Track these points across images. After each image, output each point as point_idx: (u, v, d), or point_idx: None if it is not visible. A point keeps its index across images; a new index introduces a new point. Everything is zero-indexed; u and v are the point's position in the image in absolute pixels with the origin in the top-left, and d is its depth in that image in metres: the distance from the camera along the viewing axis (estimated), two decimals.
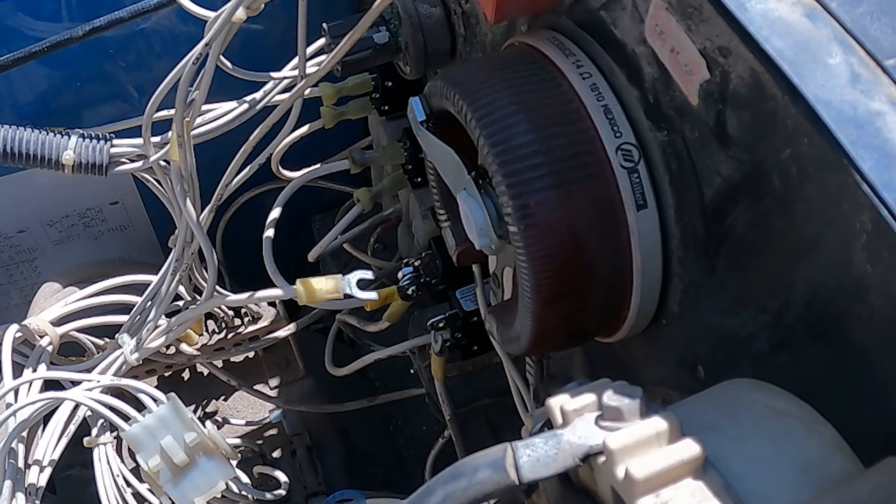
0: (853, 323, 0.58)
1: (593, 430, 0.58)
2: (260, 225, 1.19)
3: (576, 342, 0.90)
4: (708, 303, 0.73)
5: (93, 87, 1.29)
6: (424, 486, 0.59)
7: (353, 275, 1.05)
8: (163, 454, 1.09)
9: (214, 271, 1.18)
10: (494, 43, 0.95)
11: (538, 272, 0.75)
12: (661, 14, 0.67)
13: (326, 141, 1.30)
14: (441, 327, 1.11)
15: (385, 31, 1.06)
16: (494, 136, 0.75)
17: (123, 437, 1.12)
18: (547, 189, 0.73)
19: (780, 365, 0.66)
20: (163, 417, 1.10)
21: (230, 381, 1.48)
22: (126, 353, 1.23)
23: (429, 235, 1.21)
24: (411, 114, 0.88)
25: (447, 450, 1.28)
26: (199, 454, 1.11)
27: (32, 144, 1.07)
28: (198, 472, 1.11)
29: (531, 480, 0.57)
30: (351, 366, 1.30)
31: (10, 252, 1.44)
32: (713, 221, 0.69)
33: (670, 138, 0.71)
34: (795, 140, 0.58)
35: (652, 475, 0.54)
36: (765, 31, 0.59)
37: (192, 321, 1.27)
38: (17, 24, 1.18)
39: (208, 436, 1.11)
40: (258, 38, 1.28)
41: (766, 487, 0.57)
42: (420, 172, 1.20)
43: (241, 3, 0.90)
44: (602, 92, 0.75)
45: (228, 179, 1.13)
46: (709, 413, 0.63)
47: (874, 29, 0.59)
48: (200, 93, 0.99)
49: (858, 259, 0.56)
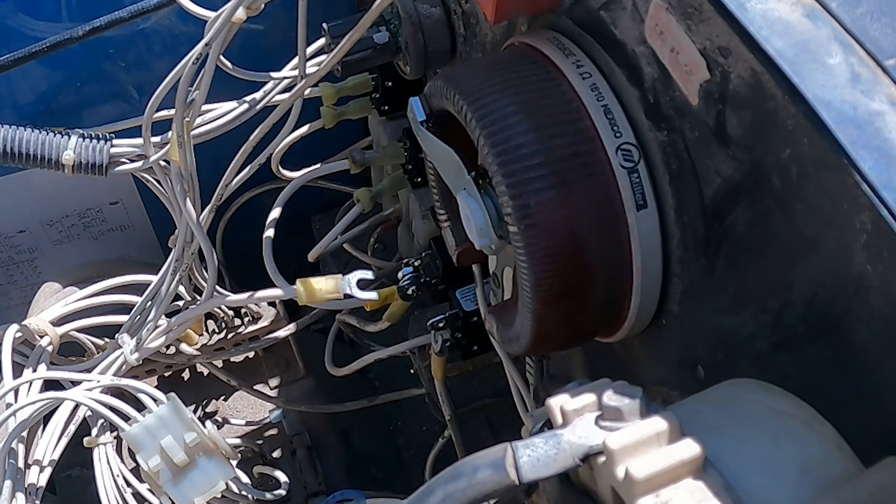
0: (853, 323, 0.58)
1: (593, 430, 0.58)
2: (260, 225, 1.19)
3: (576, 342, 0.90)
4: (708, 303, 0.73)
5: (93, 87, 1.29)
6: (424, 486, 0.59)
7: (353, 275, 1.05)
8: (163, 454, 1.09)
9: (214, 271, 1.18)
10: (494, 43, 0.95)
11: (538, 272, 0.75)
12: (660, 14, 0.67)
13: (326, 141, 1.30)
14: (441, 327, 1.11)
15: (385, 31, 1.06)
16: (494, 135, 0.75)
17: (123, 437, 1.12)
18: (547, 189, 0.73)
19: (779, 365, 0.66)
20: (163, 417, 1.10)
21: (230, 381, 1.48)
22: (126, 353, 1.23)
23: (429, 235, 1.21)
24: (411, 114, 0.88)
25: (447, 450, 1.28)
26: (199, 454, 1.11)
27: (32, 144, 1.07)
28: (198, 472, 1.11)
29: (531, 480, 0.57)
30: (351, 366, 1.30)
31: (10, 252, 1.44)
32: (713, 221, 0.69)
33: (670, 138, 0.71)
34: (795, 140, 0.58)
35: (652, 475, 0.54)
36: (765, 31, 0.59)
37: (192, 321, 1.27)
38: (17, 24, 1.18)
39: (208, 436, 1.11)
40: (258, 38, 1.28)
41: (765, 487, 0.57)
42: (420, 172, 1.20)
43: (242, 3, 0.90)
44: (602, 92, 0.75)
45: (228, 179, 1.13)
46: (709, 413, 0.63)
47: (874, 29, 0.59)
48: (200, 93, 0.99)
49: (858, 259, 0.56)
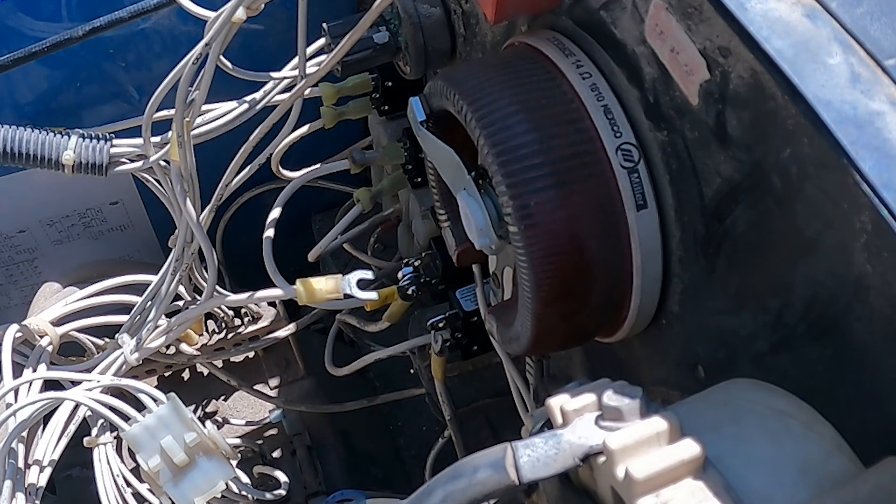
0: (853, 323, 0.58)
1: (593, 430, 0.58)
2: (260, 225, 1.19)
3: (576, 342, 0.90)
4: (708, 303, 0.73)
5: (93, 87, 1.29)
6: (424, 486, 0.59)
7: (353, 275, 1.05)
8: (163, 454, 1.09)
9: (214, 271, 1.18)
10: (494, 43, 0.95)
11: (538, 272, 0.75)
12: (661, 14, 0.67)
13: (326, 141, 1.30)
14: (441, 327, 1.11)
15: (385, 31, 1.06)
16: (494, 136, 0.75)
17: (123, 437, 1.12)
18: (547, 189, 0.73)
19: (779, 365, 0.66)
20: (163, 417, 1.10)
21: (230, 381, 1.48)
22: (126, 353, 1.23)
23: (429, 235, 1.21)
24: (411, 114, 0.88)
25: (447, 450, 1.28)
26: (199, 454, 1.11)
27: (32, 144, 1.07)
28: (198, 472, 1.11)
29: (531, 480, 0.57)
30: (351, 366, 1.30)
31: (10, 252, 1.44)
32: (713, 221, 0.69)
33: (670, 138, 0.71)
34: (795, 140, 0.58)
35: (652, 475, 0.54)
36: (765, 32, 0.59)
37: (192, 321, 1.27)
38: (17, 24, 1.18)
39: (208, 436, 1.11)
40: (258, 38, 1.28)
41: (765, 487, 0.57)
42: (420, 172, 1.20)
43: (242, 3, 0.90)
44: (602, 92, 0.75)
45: (228, 179, 1.13)
46: (709, 413, 0.63)
47: (874, 29, 0.59)
48: (200, 93, 0.98)
49: (858, 259, 0.56)
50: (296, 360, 1.56)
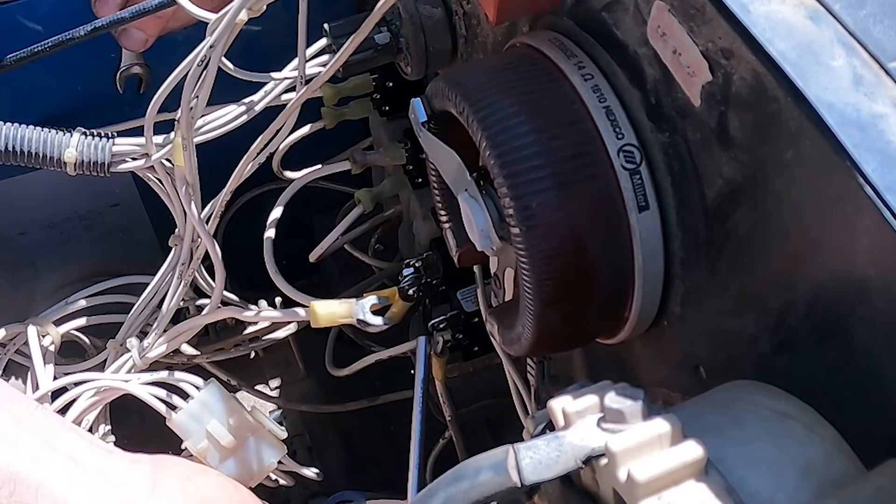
0: (855, 325, 0.58)
1: (595, 432, 0.58)
2: (260, 225, 1.19)
3: (577, 343, 0.90)
4: (710, 304, 0.73)
5: (94, 88, 1.29)
6: (426, 488, 0.59)
7: (366, 300, 1.06)
8: (210, 438, 1.10)
9: (222, 280, 1.16)
10: (496, 44, 0.95)
11: (539, 273, 0.75)
12: (663, 15, 0.67)
13: (327, 141, 1.30)
14: (442, 328, 1.11)
15: (386, 31, 1.06)
16: (496, 137, 0.74)
17: (170, 425, 1.13)
18: (548, 190, 0.73)
19: (781, 366, 0.66)
20: (205, 402, 1.11)
21: (230, 381, 1.48)
22: (135, 356, 1.22)
23: (430, 236, 1.21)
24: (413, 115, 0.88)
25: (447, 451, 1.28)
26: (247, 434, 1.12)
27: (35, 142, 1.07)
28: (247, 453, 1.12)
29: (533, 482, 0.57)
30: (352, 366, 1.30)
31: (11, 255, 1.44)
32: (715, 223, 0.69)
33: (672, 140, 0.71)
34: (798, 142, 0.58)
35: (654, 477, 0.54)
36: (768, 34, 0.59)
37: (197, 328, 1.26)
38: (17, 24, 1.18)
39: (254, 417, 1.12)
40: (258, 39, 1.27)
41: (767, 489, 0.57)
42: (421, 173, 1.20)
43: (245, 5, 0.90)
44: (604, 93, 0.75)
45: (233, 185, 1.12)
46: (710, 415, 0.63)
47: (877, 31, 0.59)
48: (203, 95, 0.98)
49: (861, 261, 0.56)
50: (296, 361, 1.56)
